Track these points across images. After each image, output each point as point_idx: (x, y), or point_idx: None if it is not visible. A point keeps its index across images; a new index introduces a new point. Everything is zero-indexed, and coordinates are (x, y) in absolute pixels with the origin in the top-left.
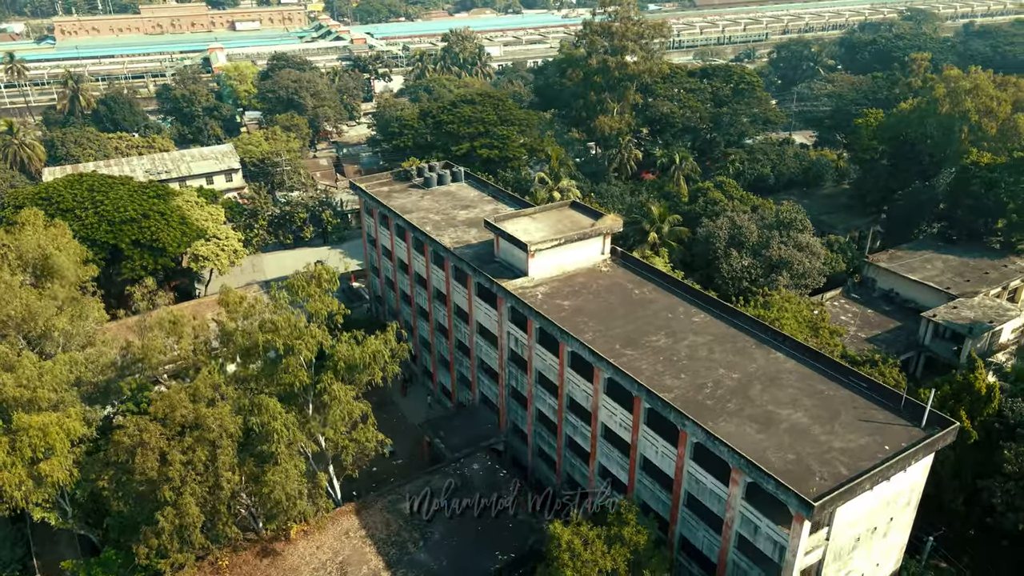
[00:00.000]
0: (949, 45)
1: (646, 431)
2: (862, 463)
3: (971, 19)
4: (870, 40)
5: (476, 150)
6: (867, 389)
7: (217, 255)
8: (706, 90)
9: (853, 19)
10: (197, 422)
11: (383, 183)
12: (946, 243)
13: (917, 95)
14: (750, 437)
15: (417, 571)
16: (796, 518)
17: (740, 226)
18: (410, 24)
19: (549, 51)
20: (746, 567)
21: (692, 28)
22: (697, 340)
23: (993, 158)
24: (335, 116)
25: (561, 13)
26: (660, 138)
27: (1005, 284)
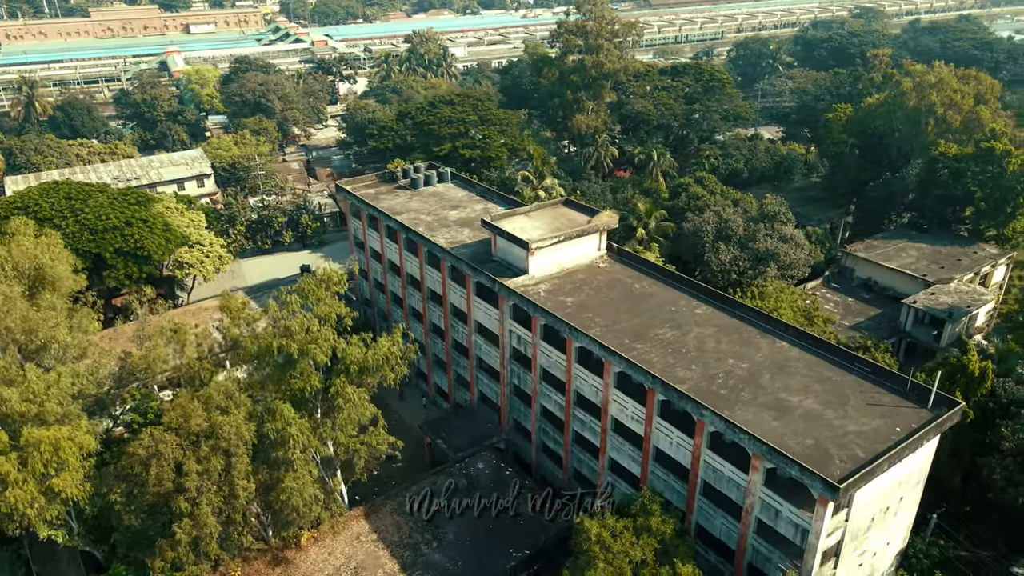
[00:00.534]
0: (901, 42)
1: (660, 423)
2: (877, 445)
3: (917, 16)
4: (826, 38)
5: (458, 150)
6: (872, 374)
7: (202, 261)
8: (678, 88)
9: (804, 17)
10: (211, 431)
11: (368, 185)
12: (918, 232)
13: (880, 90)
14: (767, 424)
15: (433, 572)
16: (820, 501)
17: (726, 220)
18: (369, 26)
19: (513, 51)
20: (766, 552)
21: (650, 27)
22: (703, 332)
23: (960, 149)
24: (304, 119)
25: (519, 13)
26: (634, 135)
27: (977, 270)
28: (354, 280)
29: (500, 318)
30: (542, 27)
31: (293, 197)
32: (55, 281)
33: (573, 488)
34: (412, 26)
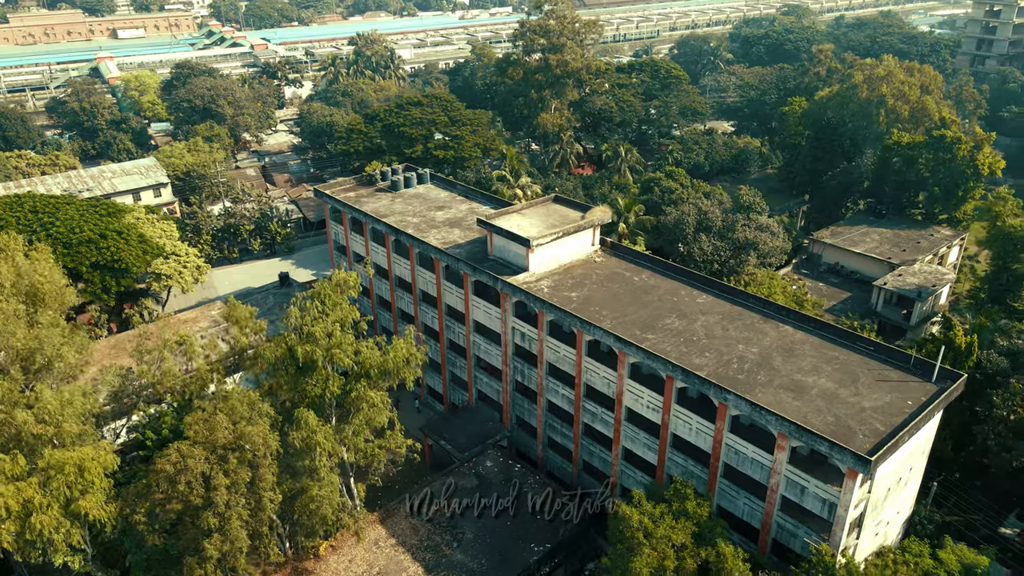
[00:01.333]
0: (834, 38)
1: (678, 410)
2: (894, 419)
3: (840, 13)
4: (762, 35)
5: (431, 151)
6: (875, 352)
7: (180, 272)
8: (636, 85)
9: (734, 15)
10: (237, 443)
11: (347, 188)
12: (876, 217)
13: (826, 83)
14: (788, 405)
15: (458, 572)
16: (849, 474)
17: (705, 211)
18: (307, 29)
19: (459, 52)
20: (792, 528)
21: None
22: (709, 320)
23: (912, 138)
24: (256, 124)
25: (456, 15)
26: (595, 133)
27: (935, 251)
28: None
29: (502, 316)
30: (481, 27)
31: (259, 204)
32: (47, 297)
33: (583, 480)
34: (350, 28)
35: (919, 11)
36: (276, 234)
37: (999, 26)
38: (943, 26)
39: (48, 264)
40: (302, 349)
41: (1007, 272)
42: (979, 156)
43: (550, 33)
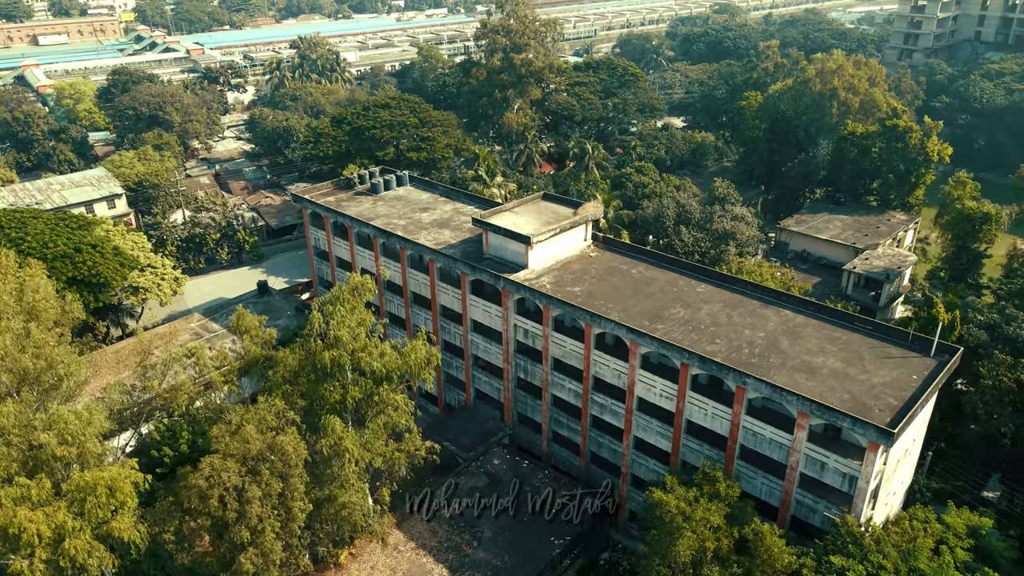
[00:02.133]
0: (768, 34)
1: (693, 396)
2: (904, 392)
3: (769, 11)
4: (702, 32)
5: (404, 153)
6: (873, 331)
7: (158, 285)
8: (594, 83)
9: (667, 15)
10: (269, 453)
11: (325, 193)
12: (835, 205)
13: (774, 78)
14: (804, 385)
15: (484, 570)
16: (870, 447)
17: (683, 204)
18: (241, 32)
19: (404, 55)
20: (811, 503)
21: None
22: (712, 308)
23: (865, 128)
24: (205, 131)
25: (392, 16)
26: (556, 131)
27: (894, 235)
28: (312, 290)
29: (504, 314)
30: (420, 29)
31: (225, 212)
32: (41, 315)
33: (591, 471)
34: (286, 32)
35: (838, 8)
36: (244, 242)
37: (924, 21)
38: (861, 22)
39: (43, 280)
40: (329, 354)
41: (966, 251)
42: (928, 144)
43: (512, 33)
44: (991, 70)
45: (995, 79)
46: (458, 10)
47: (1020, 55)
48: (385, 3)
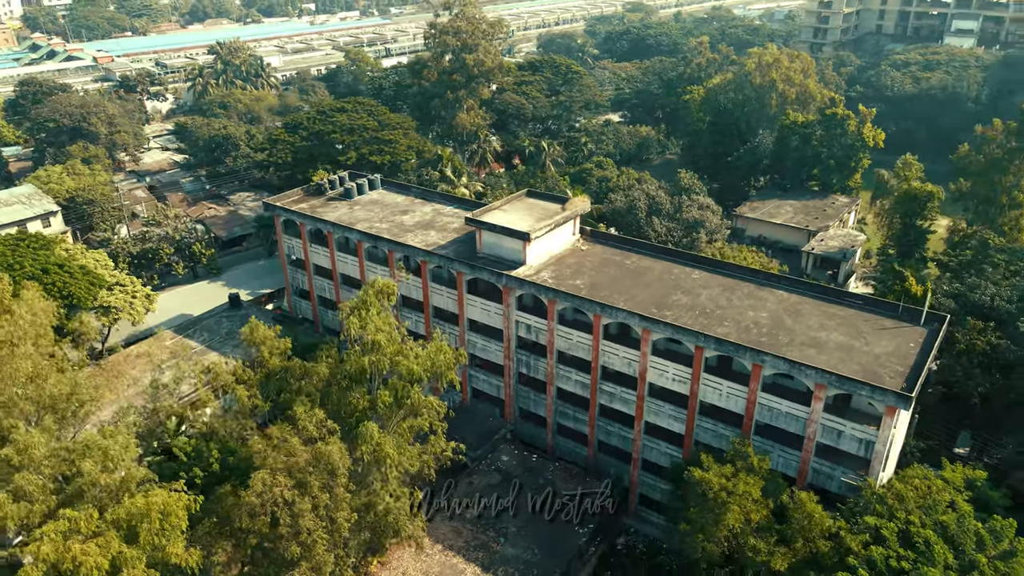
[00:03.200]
0: (686, 31)
1: (707, 378)
2: (907, 360)
3: (677, 9)
4: (624, 30)
5: (366, 157)
6: (864, 305)
7: (130, 303)
8: (540, 81)
9: (579, 13)
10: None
11: (297, 200)
12: (781, 191)
13: (706, 72)
14: (817, 359)
15: (516, 565)
16: (887, 412)
17: (652, 196)
18: (147, 39)
19: (328, 58)
20: (828, 470)
21: (405, 34)
22: (711, 292)
23: (805, 117)
24: (133, 143)
25: (305, 20)
26: (506, 129)
27: (840, 217)
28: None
29: (505, 311)
30: (338, 32)
31: (177, 225)
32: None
33: (599, 459)
34: (196, 37)
35: (738, 6)
36: (200, 255)
37: (831, 16)
38: (761, 18)
39: (40, 304)
40: (368, 359)
41: (913, 229)
42: (865, 130)
43: (461, 33)
44: (897, 60)
45: (902, 69)
46: (371, 12)
47: (919, 46)
48: (295, 6)
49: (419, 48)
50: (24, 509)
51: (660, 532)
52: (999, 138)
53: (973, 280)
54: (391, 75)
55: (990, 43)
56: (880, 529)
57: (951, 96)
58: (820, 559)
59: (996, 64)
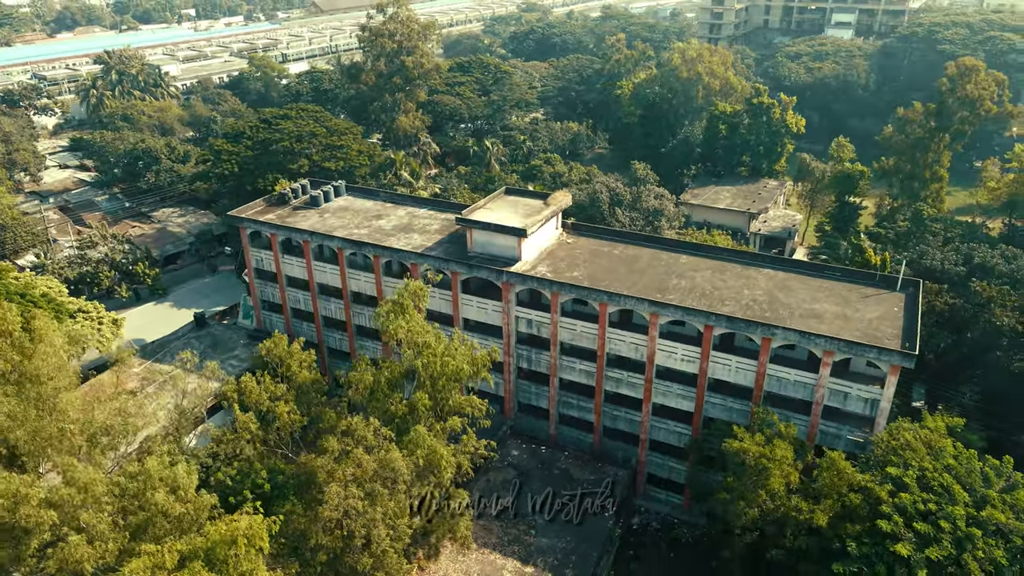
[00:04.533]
0: (587, 30)
1: (716, 356)
2: (897, 322)
3: (570, 8)
4: (529, 30)
5: (319, 164)
6: (843, 276)
7: (99, 330)
8: (472, 82)
9: (472, 14)
10: (378, 473)
11: (260, 211)
12: (716, 178)
13: (624, 67)
14: (820, 328)
15: (553, 554)
16: (892, 371)
17: (612, 188)
18: (15, 49)
19: (227, 65)
20: (835, 431)
21: (301, 39)
22: (704, 275)
23: (732, 107)
24: (34, 161)
25: (187, 26)
26: (441, 131)
27: (774, 199)
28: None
29: (505, 308)
30: (229, 38)
31: (116, 245)
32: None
33: (605, 445)
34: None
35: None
36: (144, 276)
37: (724, 12)
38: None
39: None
40: (420, 361)
41: (847, 205)
42: (788, 117)
43: (396, 35)
44: (790, 52)
45: (795, 60)
46: (257, 17)
47: (806, 38)
48: (174, 12)
49: (316, 53)
50: (99, 549)
51: (670, 509)
52: (919, 119)
53: (922, 248)
54: (305, 80)
55: (866, 34)
56: (902, 477)
57: (843, 84)
58: (853, 511)
59: (877, 53)
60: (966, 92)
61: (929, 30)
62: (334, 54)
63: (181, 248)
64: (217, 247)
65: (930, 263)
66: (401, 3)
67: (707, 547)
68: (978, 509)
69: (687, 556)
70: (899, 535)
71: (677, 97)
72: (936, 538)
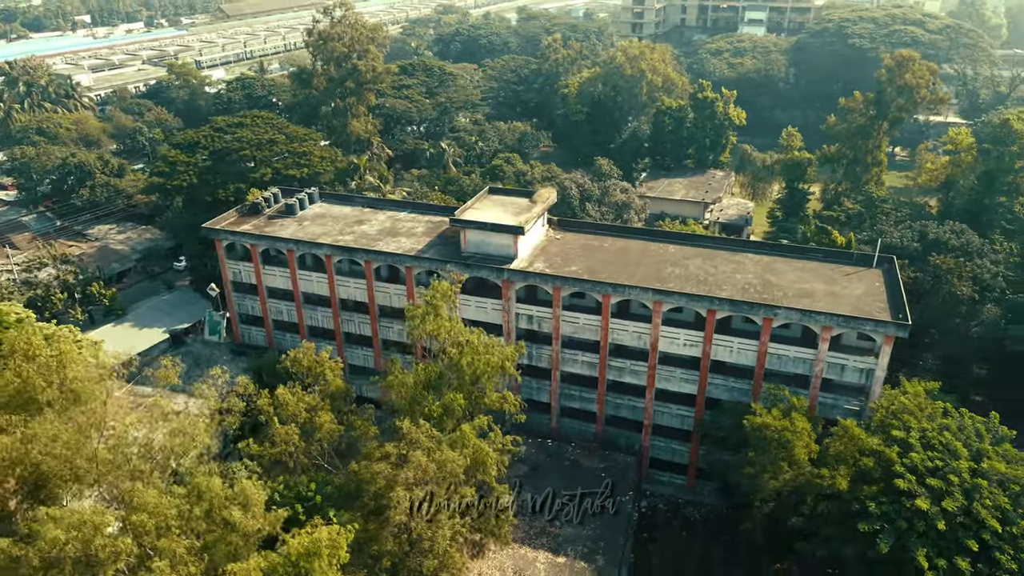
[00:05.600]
0: (512, 31)
1: (719, 338)
2: (882, 296)
3: (486, 9)
4: (454, 32)
5: (281, 172)
6: (823, 256)
7: (79, 352)
8: (418, 84)
9: (386, 18)
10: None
11: (234, 222)
12: (665, 171)
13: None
14: (816, 306)
15: (583, 542)
16: (886, 341)
17: (581, 184)
18: None
19: (143, 74)
20: (832, 401)
21: (214, 45)
22: (695, 263)
23: (678, 102)
24: None
25: (82, 34)
26: (391, 134)
27: (725, 188)
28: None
29: (505, 305)
30: (134, 44)
31: (65, 266)
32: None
33: (608, 433)
34: None
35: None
36: (101, 297)
37: (645, 11)
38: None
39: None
40: (466, 360)
41: (796, 192)
42: (730, 111)
43: (344, 38)
44: (711, 49)
45: (717, 56)
46: (159, 23)
47: (722, 35)
48: (67, 19)
49: (231, 59)
50: (183, 573)
51: (673, 490)
52: (860, 108)
53: (880, 227)
54: (236, 87)
55: (776, 30)
56: (907, 439)
57: (765, 78)
58: (867, 474)
59: (791, 48)
60: (905, 81)
61: (839, 25)
62: (251, 60)
63: (127, 266)
64: (165, 263)
65: (889, 241)
66: (348, 5)
67: (716, 523)
68: (977, 462)
69: (699, 532)
70: (914, 492)
71: (622, 94)
72: (948, 491)
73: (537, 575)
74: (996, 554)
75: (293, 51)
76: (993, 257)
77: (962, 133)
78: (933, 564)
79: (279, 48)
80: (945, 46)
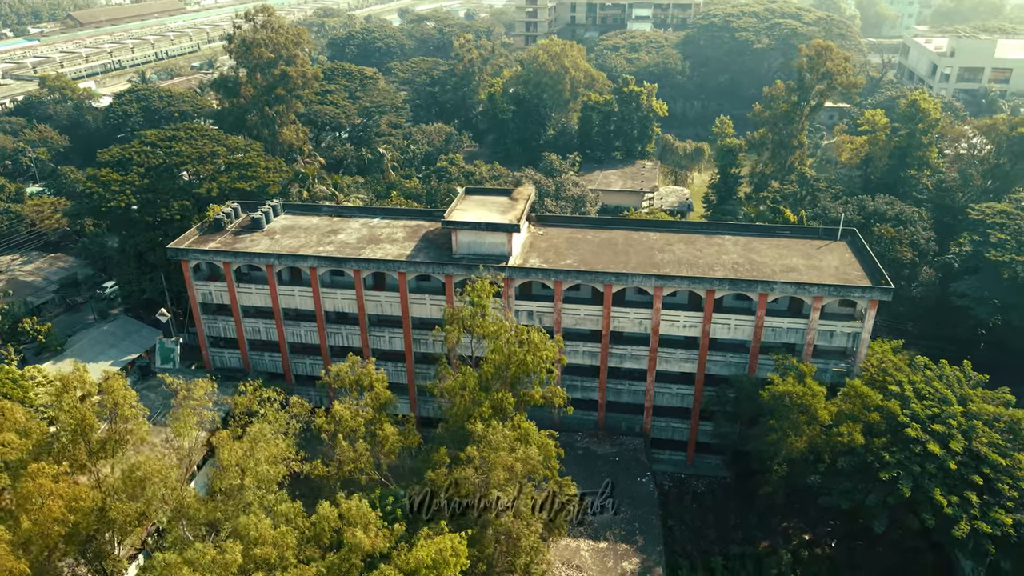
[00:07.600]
0: (408, 34)
1: (718, 317)
2: (856, 265)
3: (368, 11)
4: (347, 35)
5: (228, 185)
6: (792, 233)
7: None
8: (340, 89)
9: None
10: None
11: (197, 241)
12: (597, 163)
13: (477, 66)
14: (803, 278)
15: (620, 525)
16: (871, 306)
17: (537, 180)
18: None
19: (6, 89)
20: (822, 366)
21: (77, 55)
22: (681, 247)
23: (602, 97)
24: None
25: None
26: (318, 141)
27: (655, 177)
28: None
29: (505, 303)
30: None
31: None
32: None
33: (609, 419)
34: None
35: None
36: (35, 333)
37: (538, 10)
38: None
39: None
40: (530, 357)
41: (729, 176)
42: (654, 103)
43: (270, 44)
44: (608, 45)
45: (615, 52)
46: (4, 34)
47: (613, 32)
48: None
49: (98, 71)
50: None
51: (674, 466)
52: (783, 95)
53: (824, 204)
54: (131, 101)
55: (661, 26)
56: (904, 393)
57: (663, 71)
58: (874, 427)
59: (680, 43)
60: (826, 68)
61: (724, 19)
62: (121, 70)
63: (45, 298)
64: (87, 291)
65: (835, 215)
66: (270, 10)
67: (722, 492)
68: (964, 406)
69: (707, 503)
70: (922, 438)
71: (547, 91)
72: (951, 434)
73: (584, 563)
74: (998, 485)
75: (166, 59)
76: (924, 224)
77: (878, 114)
78: (949, 501)
79: (150, 57)
80: (821, 36)
